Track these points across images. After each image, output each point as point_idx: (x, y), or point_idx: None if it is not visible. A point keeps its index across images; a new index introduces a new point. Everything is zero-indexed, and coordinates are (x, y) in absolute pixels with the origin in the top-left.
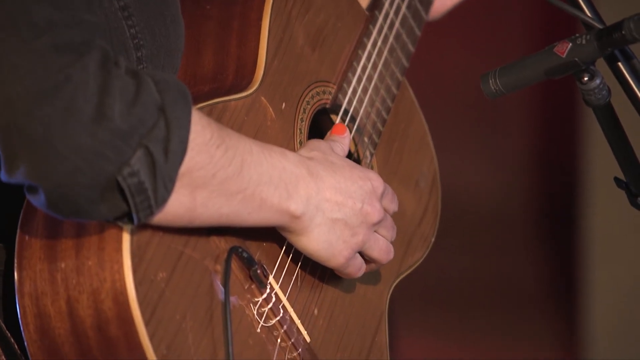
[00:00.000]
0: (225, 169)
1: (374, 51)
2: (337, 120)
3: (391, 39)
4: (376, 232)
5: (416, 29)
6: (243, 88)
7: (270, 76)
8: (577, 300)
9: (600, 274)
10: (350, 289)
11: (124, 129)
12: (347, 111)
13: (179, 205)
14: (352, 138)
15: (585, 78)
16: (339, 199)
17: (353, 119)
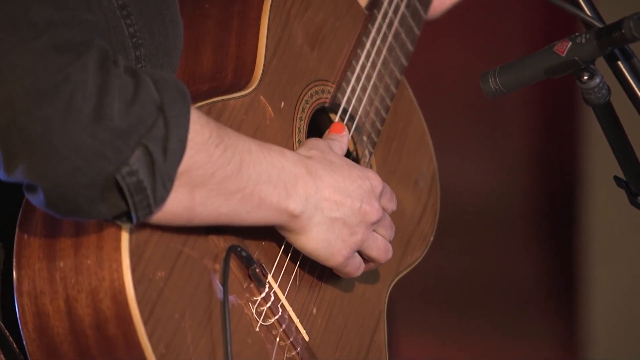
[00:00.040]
0: (224, 168)
1: (373, 50)
2: (336, 119)
3: (390, 38)
4: (375, 232)
5: (415, 28)
6: (242, 87)
7: (269, 75)
8: (577, 300)
9: (600, 274)
10: (349, 288)
11: (123, 128)
12: (346, 110)
13: (178, 204)
14: (351, 137)
15: (585, 77)
16: (337, 198)
17: (352, 118)
